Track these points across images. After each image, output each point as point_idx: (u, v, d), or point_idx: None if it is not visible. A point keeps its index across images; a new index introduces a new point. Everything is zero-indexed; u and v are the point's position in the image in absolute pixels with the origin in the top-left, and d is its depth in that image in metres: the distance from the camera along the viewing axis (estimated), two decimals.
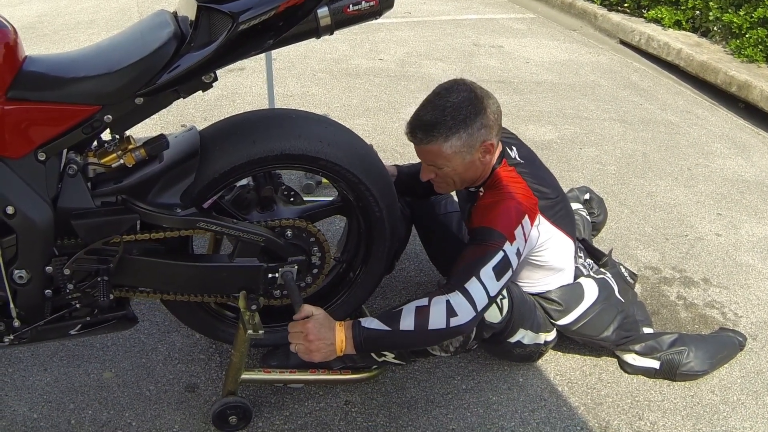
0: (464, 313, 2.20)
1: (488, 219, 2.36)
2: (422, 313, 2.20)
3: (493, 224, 2.33)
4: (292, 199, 2.61)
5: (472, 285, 2.23)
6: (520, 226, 2.35)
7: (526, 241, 2.38)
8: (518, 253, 2.34)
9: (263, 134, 2.28)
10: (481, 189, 2.54)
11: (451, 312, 2.19)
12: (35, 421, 2.45)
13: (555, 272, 2.65)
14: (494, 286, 2.26)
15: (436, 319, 2.19)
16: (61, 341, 2.76)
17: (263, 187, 2.43)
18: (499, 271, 2.27)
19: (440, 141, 2.36)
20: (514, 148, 2.59)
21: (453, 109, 2.34)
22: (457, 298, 2.21)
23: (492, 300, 2.27)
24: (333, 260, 2.58)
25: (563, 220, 2.59)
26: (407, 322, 2.20)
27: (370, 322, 2.24)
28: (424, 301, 2.23)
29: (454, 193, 3.01)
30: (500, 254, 2.27)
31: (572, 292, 2.66)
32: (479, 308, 2.23)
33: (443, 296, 2.22)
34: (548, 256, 2.58)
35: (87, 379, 2.63)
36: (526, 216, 2.38)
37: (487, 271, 2.25)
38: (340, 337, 2.22)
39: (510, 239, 2.30)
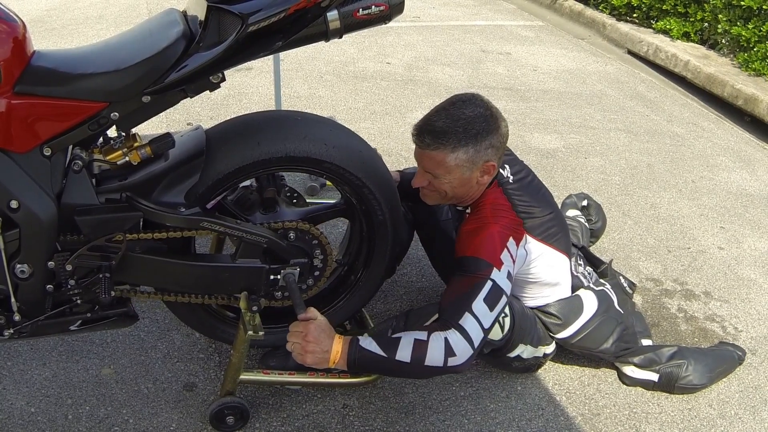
0: (462, 353, 2.20)
1: (472, 248, 2.34)
2: (420, 348, 2.19)
3: (478, 253, 2.32)
4: (294, 200, 2.62)
5: (467, 321, 2.22)
6: (505, 250, 2.34)
7: (514, 261, 2.38)
8: (509, 276, 2.33)
9: (268, 136, 2.28)
10: (468, 210, 2.54)
11: (449, 351, 2.18)
12: (32, 415, 2.45)
13: (550, 287, 2.64)
14: (488, 319, 2.26)
15: (434, 357, 2.18)
16: (60, 336, 2.76)
17: (266, 188, 2.43)
18: (491, 302, 2.26)
19: (447, 150, 2.35)
20: (506, 166, 2.57)
21: (467, 121, 2.34)
22: (454, 337, 2.20)
23: (488, 331, 2.26)
24: (335, 263, 2.58)
25: (555, 236, 2.58)
26: (404, 353, 2.19)
27: (369, 344, 2.23)
28: (422, 335, 2.22)
29: None
30: (489, 284, 2.27)
31: (571, 306, 2.66)
32: (476, 345, 2.22)
33: (441, 333, 2.21)
34: (539, 272, 2.57)
35: (85, 375, 2.63)
36: (511, 238, 2.37)
37: (478, 305, 2.24)
38: (336, 349, 2.22)
39: (497, 265, 2.30)
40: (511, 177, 2.54)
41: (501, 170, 2.53)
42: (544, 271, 2.58)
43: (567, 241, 2.68)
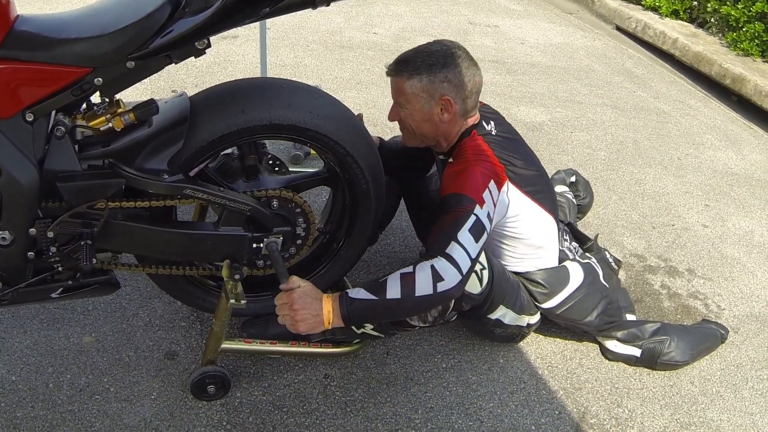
0: (450, 277, 2.19)
1: (455, 185, 2.38)
2: (408, 280, 2.19)
3: (461, 190, 2.35)
4: (277, 168, 2.60)
5: (454, 249, 2.23)
6: (487, 190, 2.37)
7: (495, 205, 2.40)
8: (489, 217, 2.35)
9: (253, 103, 2.26)
10: (450, 159, 2.56)
11: (437, 277, 2.18)
12: (13, 383, 2.43)
13: (535, 249, 2.65)
14: (474, 248, 2.27)
15: (423, 285, 2.18)
16: (41, 304, 2.74)
17: (248, 156, 2.42)
18: (475, 233, 2.28)
19: (404, 77, 2.45)
20: (491, 123, 2.61)
21: (427, 54, 2.45)
22: (440, 263, 2.20)
23: (474, 261, 2.27)
24: (317, 231, 2.56)
25: (539, 194, 2.59)
26: (393, 291, 2.19)
27: (357, 293, 2.23)
28: (408, 269, 2.22)
29: None
30: (473, 218, 2.29)
31: (557, 275, 2.66)
32: (464, 271, 2.23)
33: (427, 262, 2.21)
34: (524, 228, 2.58)
35: (67, 343, 2.61)
36: (492, 181, 2.40)
37: (464, 234, 2.26)
38: (327, 308, 2.21)
39: (479, 203, 2.32)
40: (494, 131, 2.58)
41: (484, 124, 2.58)
42: (529, 229, 2.59)
43: (553, 202, 2.70)
